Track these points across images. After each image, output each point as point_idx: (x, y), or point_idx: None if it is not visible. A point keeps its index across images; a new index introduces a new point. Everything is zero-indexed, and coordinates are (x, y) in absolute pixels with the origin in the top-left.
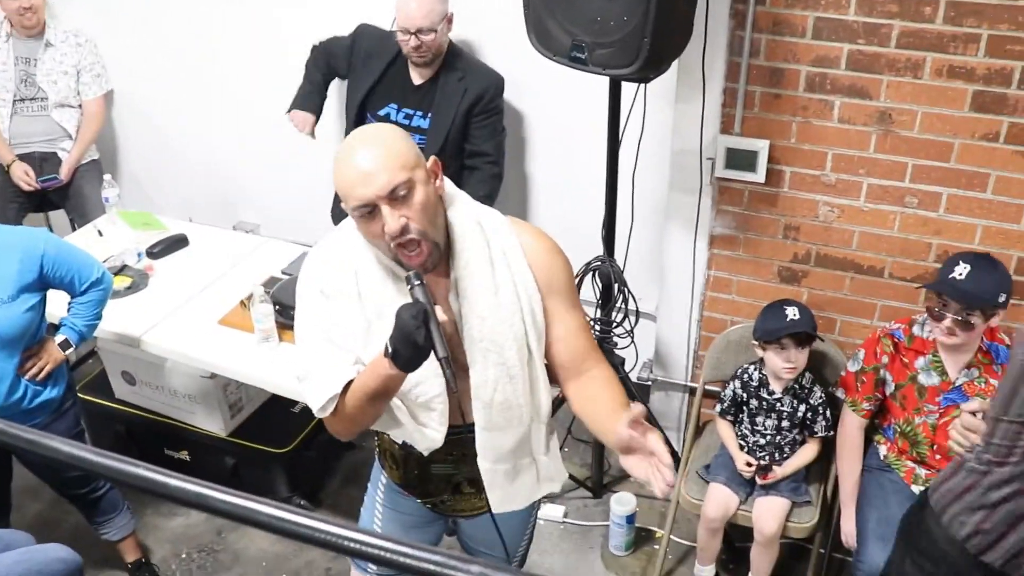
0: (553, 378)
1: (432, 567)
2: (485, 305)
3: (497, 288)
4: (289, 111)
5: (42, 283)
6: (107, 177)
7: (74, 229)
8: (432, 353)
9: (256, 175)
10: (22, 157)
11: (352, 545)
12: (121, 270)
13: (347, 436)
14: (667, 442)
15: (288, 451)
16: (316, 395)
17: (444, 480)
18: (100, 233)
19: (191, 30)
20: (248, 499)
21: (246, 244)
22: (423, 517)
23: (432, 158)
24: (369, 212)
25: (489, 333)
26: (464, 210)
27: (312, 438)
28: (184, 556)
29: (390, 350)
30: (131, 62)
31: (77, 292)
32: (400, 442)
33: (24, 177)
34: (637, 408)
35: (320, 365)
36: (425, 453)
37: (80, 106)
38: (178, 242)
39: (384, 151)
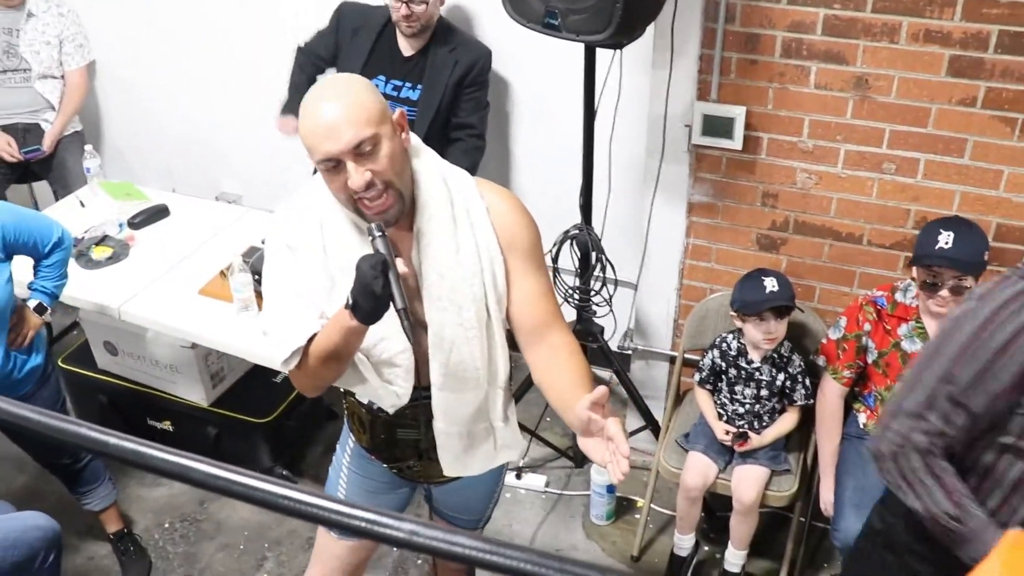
0: (514, 343)
1: (362, 524)
2: (445, 263)
3: (459, 247)
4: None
5: (8, 252)
6: (88, 148)
7: (57, 200)
8: (391, 304)
9: (239, 145)
10: (4, 128)
11: (287, 503)
12: (102, 240)
13: (312, 392)
14: (647, 411)
15: (270, 421)
16: (280, 349)
17: (410, 446)
18: (82, 204)
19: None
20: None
21: (228, 214)
22: (389, 482)
23: (398, 111)
24: (334, 166)
25: (448, 292)
26: (430, 164)
27: (294, 408)
28: (167, 526)
29: (350, 302)
30: (113, 32)
31: (42, 255)
32: (367, 404)
33: (7, 148)
34: (599, 390)
35: (284, 319)
36: (391, 411)
37: (62, 77)
38: (159, 212)
39: (350, 104)
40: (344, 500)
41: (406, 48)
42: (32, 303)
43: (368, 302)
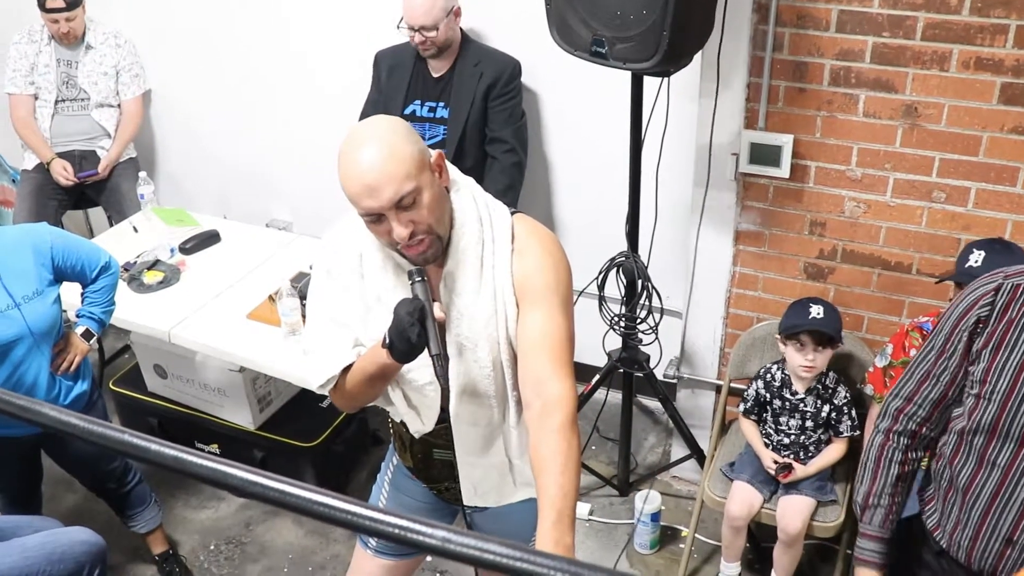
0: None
1: (396, 531)
2: (465, 303)
3: (480, 290)
4: None
5: (56, 275)
6: (142, 174)
7: (111, 225)
8: (426, 350)
9: (289, 173)
10: (62, 155)
11: (321, 508)
12: (154, 265)
13: (350, 409)
14: (693, 440)
15: (316, 445)
16: (316, 373)
17: (446, 466)
18: (135, 229)
19: (225, 31)
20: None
21: (277, 240)
22: (429, 503)
23: (436, 152)
24: (377, 218)
25: (466, 330)
26: (468, 200)
27: (340, 433)
28: (212, 548)
29: (387, 341)
30: (167, 62)
31: (88, 280)
32: (401, 422)
33: (63, 173)
34: None
35: (322, 344)
36: (416, 436)
37: (119, 106)
38: (210, 238)
39: (389, 158)
40: (378, 507)
41: (435, 69)
42: (79, 329)
43: (404, 345)
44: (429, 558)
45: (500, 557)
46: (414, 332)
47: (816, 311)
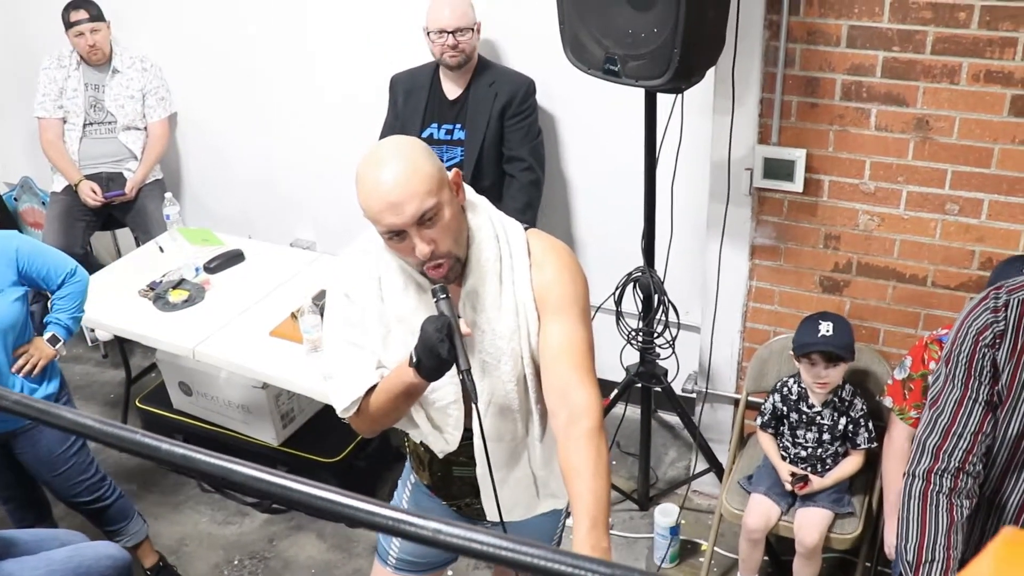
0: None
1: (389, 522)
2: (487, 319)
3: (501, 306)
4: None
5: (22, 278)
6: (168, 195)
7: (138, 245)
8: (455, 365)
9: (313, 194)
10: (90, 177)
11: (320, 502)
12: (179, 284)
13: (369, 434)
14: (711, 455)
15: (339, 460)
16: (340, 397)
17: (467, 483)
18: (161, 249)
19: (249, 54)
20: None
21: (299, 259)
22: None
23: (454, 170)
24: (398, 234)
25: (488, 346)
26: (485, 219)
27: (362, 448)
28: (236, 562)
29: (414, 359)
30: (192, 85)
31: (54, 286)
32: (419, 442)
33: (90, 194)
34: None
35: (344, 368)
36: (440, 455)
37: (145, 128)
38: (234, 257)
39: (410, 175)
40: (374, 500)
41: (451, 91)
42: (47, 334)
43: (433, 362)
44: (450, 572)
45: (487, 547)
46: (444, 348)
47: (825, 328)
